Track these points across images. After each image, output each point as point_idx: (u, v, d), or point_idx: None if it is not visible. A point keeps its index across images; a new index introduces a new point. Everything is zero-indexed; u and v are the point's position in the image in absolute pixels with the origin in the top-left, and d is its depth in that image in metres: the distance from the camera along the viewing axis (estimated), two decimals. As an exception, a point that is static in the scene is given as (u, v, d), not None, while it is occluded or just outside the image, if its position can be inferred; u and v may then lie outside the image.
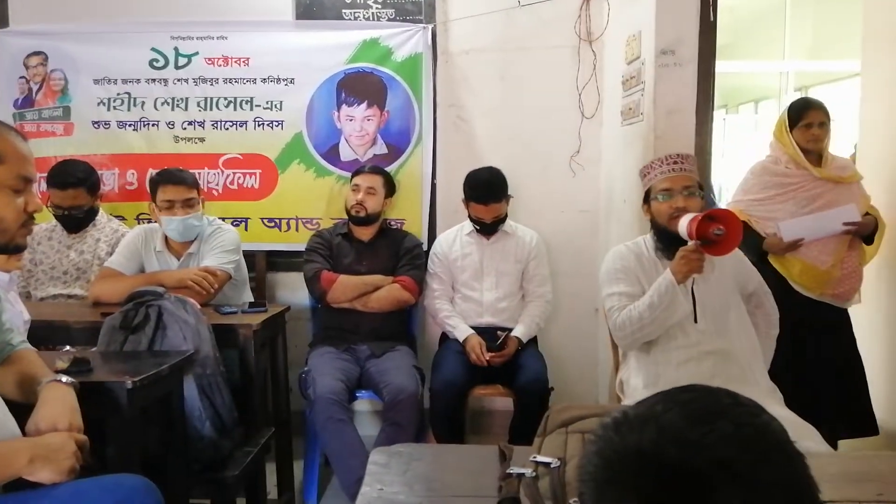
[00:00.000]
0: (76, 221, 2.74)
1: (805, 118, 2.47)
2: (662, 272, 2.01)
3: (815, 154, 2.48)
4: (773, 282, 2.32)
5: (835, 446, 2.38)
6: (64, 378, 1.42)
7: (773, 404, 1.89)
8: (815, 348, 2.44)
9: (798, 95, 5.35)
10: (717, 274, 2.10)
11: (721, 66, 2.56)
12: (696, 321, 2.02)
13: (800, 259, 2.44)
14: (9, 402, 1.36)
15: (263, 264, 3.16)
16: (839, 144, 2.63)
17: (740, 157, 6.77)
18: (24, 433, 1.32)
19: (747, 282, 2.16)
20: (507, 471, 1.06)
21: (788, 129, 2.48)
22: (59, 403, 1.35)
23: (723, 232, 1.88)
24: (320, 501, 2.57)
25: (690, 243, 1.93)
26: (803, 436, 1.68)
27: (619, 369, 2.24)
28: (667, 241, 2.05)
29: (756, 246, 2.45)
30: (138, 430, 1.56)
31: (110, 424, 1.50)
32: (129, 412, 1.50)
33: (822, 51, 5.55)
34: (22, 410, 1.36)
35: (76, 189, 2.69)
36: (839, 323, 2.52)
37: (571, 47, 3.08)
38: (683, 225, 1.94)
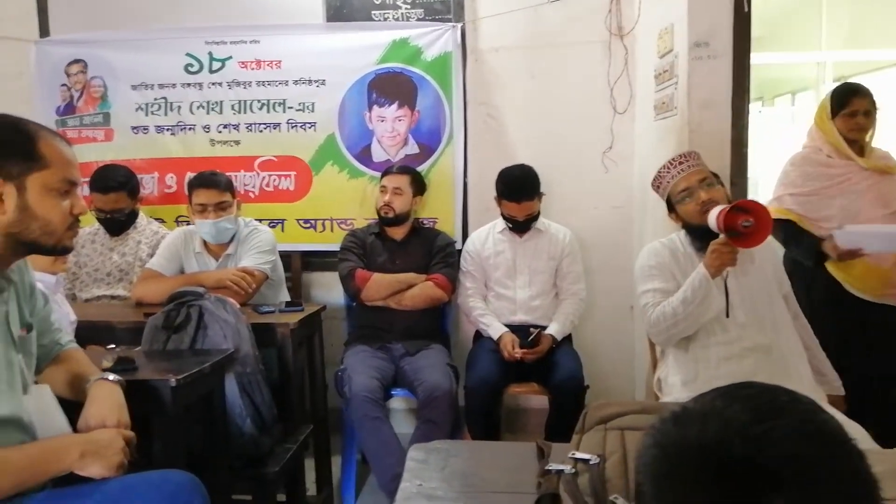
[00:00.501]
0: (118, 224, 2.81)
1: (849, 105, 2.36)
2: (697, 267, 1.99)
3: (858, 144, 2.40)
4: (823, 286, 2.25)
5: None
6: (111, 376, 1.46)
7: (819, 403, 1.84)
8: (872, 351, 2.33)
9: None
10: (757, 267, 2.07)
11: (756, 57, 2.51)
12: (727, 315, 1.99)
13: (860, 258, 2.30)
14: (59, 400, 1.41)
15: (299, 264, 3.21)
16: (883, 136, 2.53)
17: (777, 150, 6.63)
18: (73, 430, 1.36)
19: (782, 283, 2.12)
20: (546, 467, 1.07)
21: (830, 116, 2.40)
22: (107, 401, 1.40)
23: (751, 223, 1.85)
24: (358, 498, 2.60)
25: (721, 237, 1.91)
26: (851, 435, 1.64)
27: (657, 367, 2.22)
28: (701, 236, 2.03)
29: (812, 249, 2.35)
30: (182, 426, 1.59)
31: (155, 421, 1.54)
32: (173, 409, 1.54)
33: (860, 40, 5.40)
34: (70, 408, 1.40)
35: (118, 193, 2.77)
36: None
37: (602, 42, 3.05)
38: (713, 218, 1.92)
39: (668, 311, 1.98)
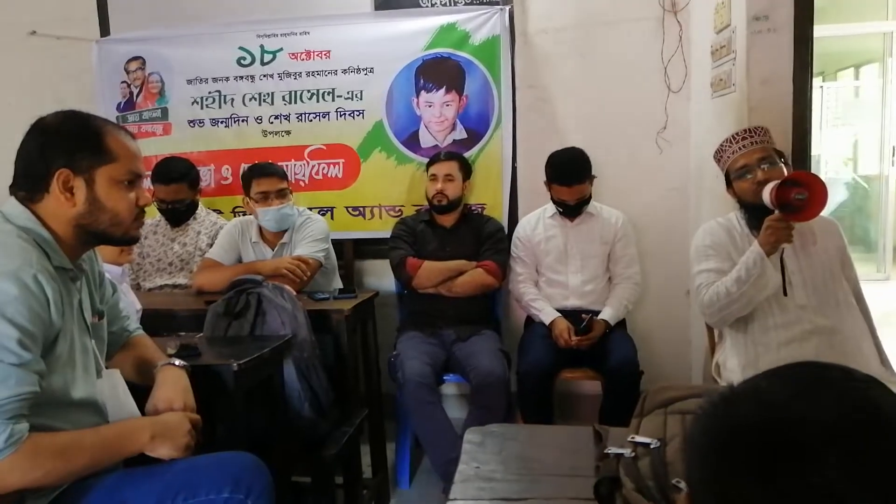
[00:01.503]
0: (179, 215, 2.91)
1: None
2: None
3: None
4: None
5: None
6: (177, 361, 1.52)
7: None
8: None
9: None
10: (820, 247, 2.00)
11: (818, 30, 2.39)
12: (785, 294, 1.92)
13: None
14: (127, 384, 1.47)
15: (351, 252, 3.25)
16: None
17: (840, 127, 6.35)
18: (141, 413, 1.42)
19: (845, 263, 2.04)
20: (605, 451, 1.06)
21: None
22: (173, 385, 1.45)
23: (805, 196, 1.78)
24: (412, 481, 2.64)
25: (775, 213, 1.85)
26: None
27: (714, 352, 2.17)
28: (757, 215, 1.97)
29: None
30: (244, 410, 1.64)
31: (218, 405, 1.59)
32: (236, 393, 1.59)
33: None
34: (137, 392, 1.46)
35: (178, 184, 2.86)
36: None
37: (655, 19, 2.97)
38: (766, 194, 1.86)
39: (722, 291, 1.93)
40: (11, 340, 1.11)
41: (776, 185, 1.81)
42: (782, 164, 1.98)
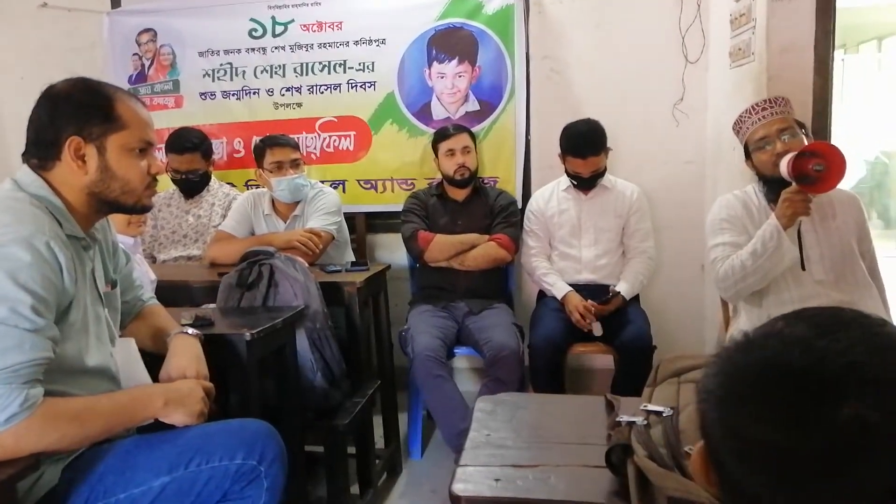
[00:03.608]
0: (192, 185, 2.92)
1: None
2: None
3: None
4: None
5: None
6: (190, 330, 1.53)
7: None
8: None
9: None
10: (840, 221, 1.96)
11: (840, -1, 2.33)
12: (803, 269, 1.90)
13: None
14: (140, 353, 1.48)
15: (364, 226, 3.24)
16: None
17: (861, 101, 6.21)
18: (155, 382, 1.43)
19: (863, 238, 2.01)
20: (617, 419, 1.05)
21: None
22: (187, 353, 1.46)
23: (823, 167, 1.75)
24: (424, 452, 2.66)
25: (793, 185, 1.82)
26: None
27: (728, 325, 2.15)
28: (775, 188, 1.94)
29: None
30: (257, 379, 1.65)
31: (231, 374, 1.61)
32: (249, 362, 1.60)
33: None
34: (151, 362, 1.48)
35: (192, 153, 2.88)
36: None
37: (673, -13, 2.90)
38: (784, 166, 1.82)
39: (737, 264, 1.91)
40: (25, 306, 1.12)
41: (793, 156, 1.78)
42: (803, 136, 1.94)
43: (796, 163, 1.76)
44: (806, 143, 1.92)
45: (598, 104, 2.93)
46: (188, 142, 2.89)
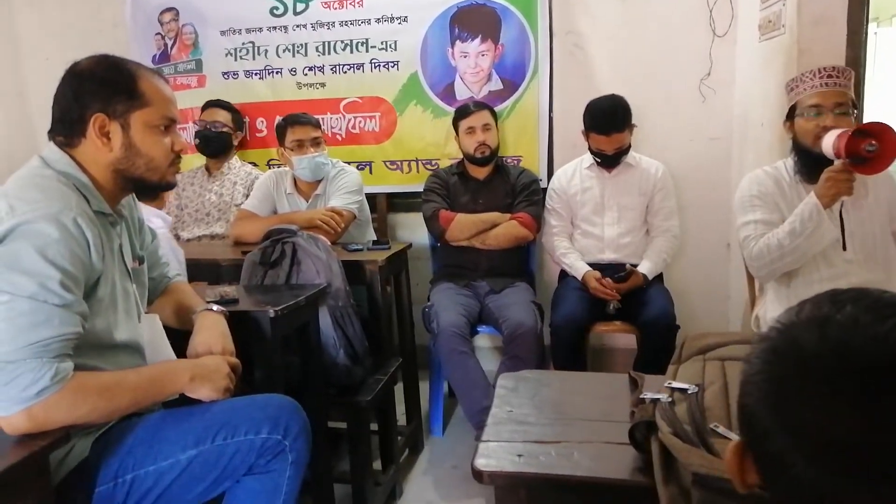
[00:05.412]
0: (210, 140, 3.00)
1: None
2: (804, 197, 1.86)
3: None
4: None
5: None
6: (215, 307, 1.54)
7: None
8: None
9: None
10: (872, 200, 1.91)
11: (877, -33, 2.25)
12: (844, 248, 1.86)
13: None
14: (165, 329, 1.50)
15: (385, 205, 3.24)
16: None
17: (894, 75, 6.02)
18: (180, 357, 1.45)
19: (894, 217, 1.95)
20: (641, 396, 1.04)
21: None
22: (212, 330, 1.48)
23: (875, 148, 1.69)
24: (446, 429, 2.68)
25: (838, 162, 1.76)
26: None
27: (755, 304, 2.12)
28: (810, 164, 1.88)
29: None
30: (281, 356, 1.67)
31: (256, 350, 1.62)
32: (272, 339, 1.62)
33: None
34: (176, 338, 1.50)
35: (216, 108, 3.03)
36: None
37: (700, -42, 2.82)
38: (829, 142, 1.76)
39: (774, 243, 1.87)
40: (54, 282, 1.13)
41: (847, 134, 1.71)
42: (853, 117, 1.88)
43: (851, 141, 1.71)
44: (849, 124, 1.86)
45: (623, 80, 2.88)
46: (216, 103, 3.05)
